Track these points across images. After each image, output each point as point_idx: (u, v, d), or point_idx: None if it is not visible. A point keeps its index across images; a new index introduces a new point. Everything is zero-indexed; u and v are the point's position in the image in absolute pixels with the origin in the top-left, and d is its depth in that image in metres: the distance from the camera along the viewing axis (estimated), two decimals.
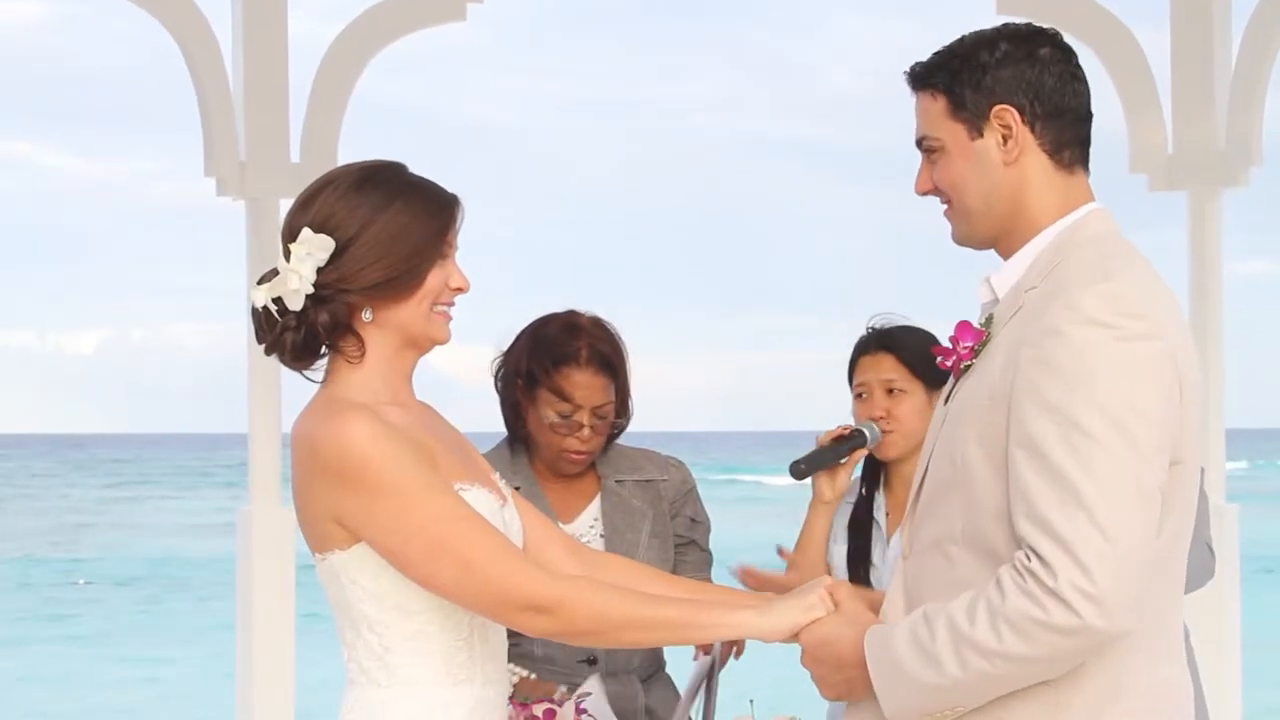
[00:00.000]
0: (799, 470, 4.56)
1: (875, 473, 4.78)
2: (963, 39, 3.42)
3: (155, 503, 52.08)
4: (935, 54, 3.43)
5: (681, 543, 4.76)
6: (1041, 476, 3.11)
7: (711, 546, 4.89)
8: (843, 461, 4.63)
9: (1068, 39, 3.48)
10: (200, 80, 7.49)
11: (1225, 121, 7.71)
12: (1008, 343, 3.25)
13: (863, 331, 4.82)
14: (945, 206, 3.45)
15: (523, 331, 4.70)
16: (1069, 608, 3.06)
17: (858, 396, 4.75)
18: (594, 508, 4.72)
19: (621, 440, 4.81)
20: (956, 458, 3.29)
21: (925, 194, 3.46)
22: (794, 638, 3.50)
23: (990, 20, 3.53)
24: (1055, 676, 3.18)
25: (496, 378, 4.73)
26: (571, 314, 4.69)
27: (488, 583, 3.40)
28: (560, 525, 4.61)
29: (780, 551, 4.78)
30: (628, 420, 4.74)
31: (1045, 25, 3.50)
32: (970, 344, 3.35)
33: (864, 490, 4.77)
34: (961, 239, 3.45)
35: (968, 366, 3.36)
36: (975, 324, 3.38)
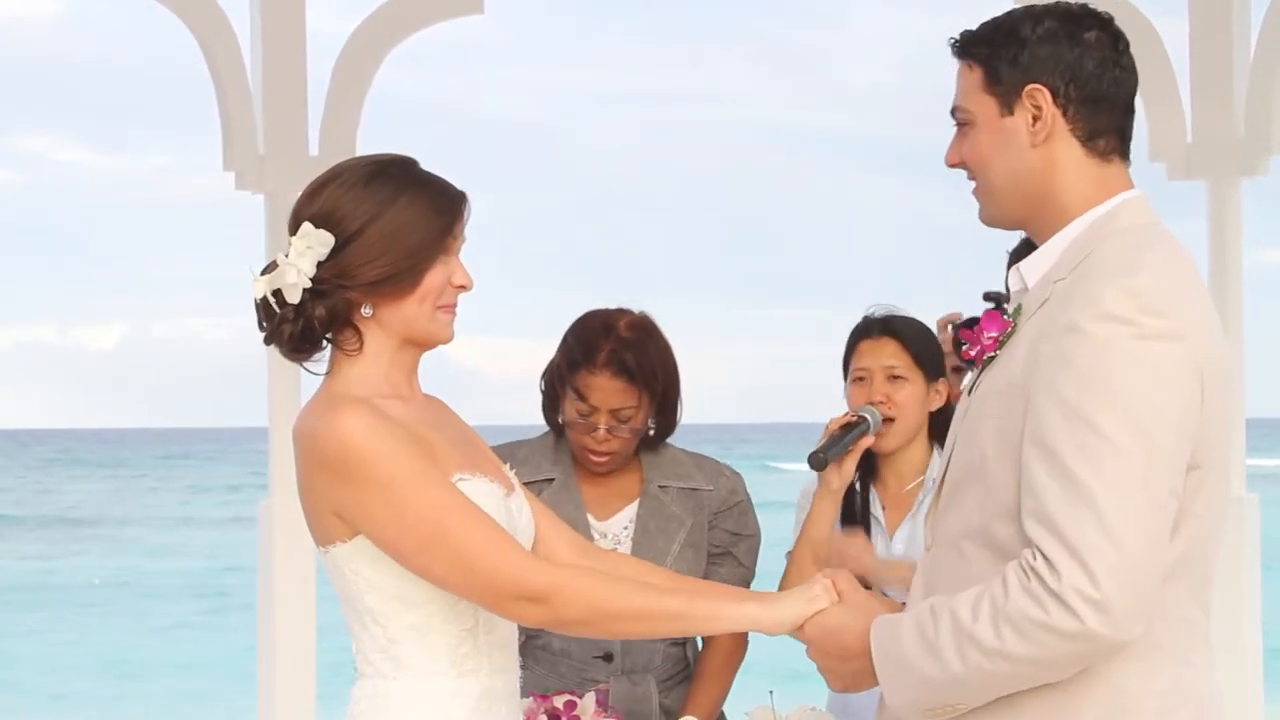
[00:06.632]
0: (820, 460, 4.49)
1: (867, 466, 4.70)
2: (1011, 11, 3.33)
3: (175, 497, 52.13)
4: (982, 24, 3.34)
5: (716, 553, 4.64)
6: (1053, 476, 3.04)
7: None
8: (850, 449, 4.54)
9: None
10: (219, 75, 7.50)
11: (1244, 110, 7.70)
12: (1031, 335, 3.18)
13: (861, 319, 4.76)
14: (973, 183, 3.36)
15: (572, 322, 4.67)
16: (1071, 612, 3.00)
17: (856, 381, 4.70)
18: (631, 510, 4.65)
19: (677, 442, 4.73)
20: (975, 451, 3.23)
21: (953, 166, 3.37)
22: (798, 631, 3.48)
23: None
24: (1057, 680, 3.12)
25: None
26: (616, 313, 4.63)
27: (480, 573, 3.40)
28: (595, 522, 4.63)
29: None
30: (668, 430, 4.66)
31: None
32: (995, 334, 3.27)
33: (856, 485, 4.69)
34: (987, 218, 3.37)
35: (991, 358, 3.28)
36: (1003, 314, 3.30)
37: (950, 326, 5.10)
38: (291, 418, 3.59)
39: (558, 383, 4.63)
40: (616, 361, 4.54)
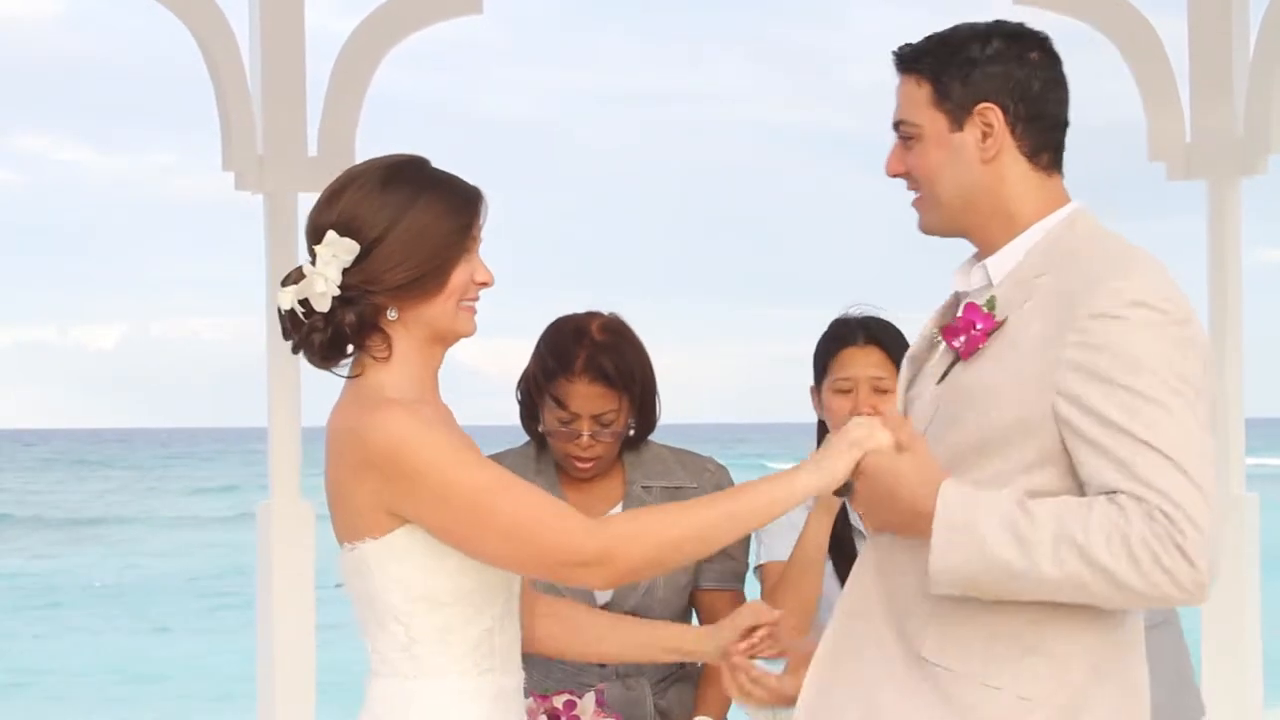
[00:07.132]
0: (847, 488, 4.44)
1: None
2: (956, 28, 3.43)
3: (175, 497, 52.13)
4: (926, 39, 3.44)
5: None
6: (1138, 451, 3.15)
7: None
8: None
9: (1086, 28, 3.50)
10: (218, 75, 7.49)
11: (1243, 109, 7.69)
12: (1035, 329, 3.28)
13: (837, 322, 4.65)
14: (914, 194, 3.46)
15: (544, 330, 4.65)
16: (1196, 569, 3.13)
17: (840, 391, 4.57)
18: (615, 513, 4.58)
19: (659, 439, 4.71)
20: (959, 440, 3.31)
21: (895, 176, 3.47)
22: (853, 474, 3.44)
23: (1008, 11, 3.51)
24: (1113, 609, 3.24)
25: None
26: (586, 317, 4.59)
27: (535, 544, 3.44)
28: None
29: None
30: (649, 429, 4.64)
31: (1063, 16, 3.51)
32: (984, 328, 3.35)
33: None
34: (927, 227, 3.47)
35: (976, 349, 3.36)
36: (980, 308, 3.37)
37: None
38: (292, 418, 3.61)
39: (535, 392, 4.60)
40: (594, 367, 4.51)
